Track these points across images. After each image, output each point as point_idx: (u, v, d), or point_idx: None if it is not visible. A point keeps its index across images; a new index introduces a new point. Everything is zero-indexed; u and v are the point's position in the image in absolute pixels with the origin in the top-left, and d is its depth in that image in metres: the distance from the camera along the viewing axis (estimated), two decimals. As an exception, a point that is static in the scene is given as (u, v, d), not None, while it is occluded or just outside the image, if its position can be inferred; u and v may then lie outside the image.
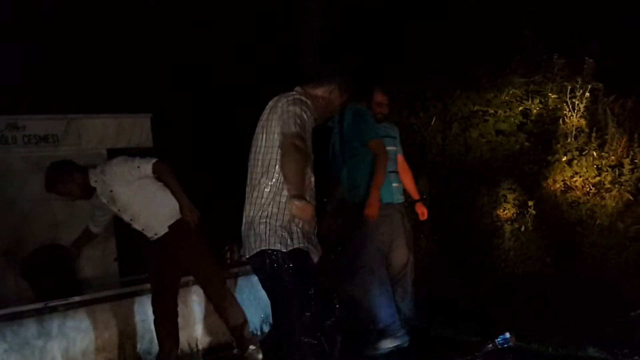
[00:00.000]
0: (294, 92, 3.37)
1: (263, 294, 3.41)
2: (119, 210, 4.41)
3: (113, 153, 5.25)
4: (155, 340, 4.56)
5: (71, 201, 4.48)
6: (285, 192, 3.16)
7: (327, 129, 4.82)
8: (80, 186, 4.34)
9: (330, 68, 3.61)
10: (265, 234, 3.16)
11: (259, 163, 3.24)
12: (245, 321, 4.53)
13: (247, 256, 3.26)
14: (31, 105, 5.60)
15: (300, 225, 3.20)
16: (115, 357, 4.59)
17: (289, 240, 3.17)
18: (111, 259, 5.25)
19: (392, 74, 7.05)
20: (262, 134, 3.27)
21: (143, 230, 4.43)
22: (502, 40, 6.75)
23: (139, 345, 4.71)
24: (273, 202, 3.18)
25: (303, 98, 3.31)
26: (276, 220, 3.17)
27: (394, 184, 4.80)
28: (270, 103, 3.33)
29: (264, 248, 3.16)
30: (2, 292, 4.72)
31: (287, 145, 3.13)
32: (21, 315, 4.27)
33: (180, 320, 4.55)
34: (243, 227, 3.29)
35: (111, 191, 4.34)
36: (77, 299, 4.49)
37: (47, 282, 4.64)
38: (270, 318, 3.86)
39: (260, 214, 3.18)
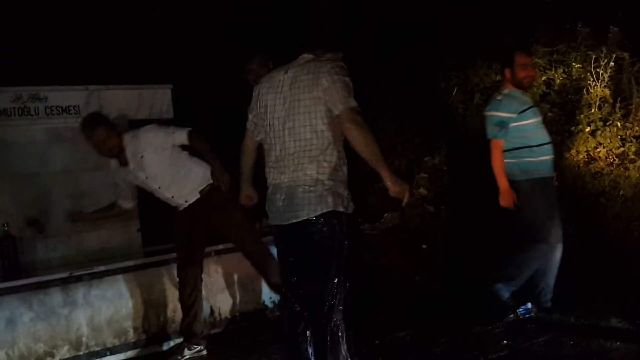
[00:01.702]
0: (326, 60, 3.28)
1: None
2: (146, 178, 4.45)
3: (134, 124, 5.27)
4: (178, 309, 4.64)
5: (102, 155, 4.54)
6: (335, 155, 3.19)
7: None
8: (112, 141, 4.42)
9: (334, 34, 3.52)
10: (327, 196, 3.17)
11: (303, 130, 3.20)
12: None
13: (298, 220, 3.22)
14: (52, 77, 5.63)
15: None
16: (139, 325, 4.68)
17: (349, 204, 3.24)
18: (134, 229, 5.30)
19: (412, 44, 6.99)
20: (305, 100, 3.19)
21: (172, 197, 4.48)
22: (525, 9, 6.63)
23: (162, 314, 4.78)
24: (329, 167, 3.19)
25: (344, 65, 3.25)
26: (335, 183, 3.20)
27: None
28: (297, 71, 3.25)
29: (329, 209, 3.17)
30: (29, 261, 4.79)
31: (352, 123, 3.11)
32: (47, 284, 4.35)
33: (204, 289, 4.62)
34: (285, 194, 3.25)
35: (142, 157, 4.39)
36: (102, 268, 4.55)
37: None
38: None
39: (317, 177, 3.18)
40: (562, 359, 3.78)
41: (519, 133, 4.60)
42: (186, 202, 4.48)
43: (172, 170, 4.43)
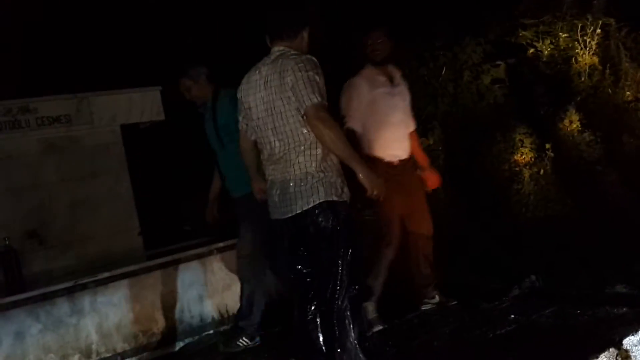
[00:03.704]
0: (295, 53, 3.28)
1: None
2: None
3: (127, 129, 5.28)
4: (185, 309, 4.66)
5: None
6: (320, 147, 3.20)
7: None
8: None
9: (297, 15, 3.46)
10: (318, 187, 3.20)
11: (285, 130, 3.23)
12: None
13: (293, 213, 3.25)
14: (39, 87, 5.60)
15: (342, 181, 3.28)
16: (148, 328, 4.68)
17: (342, 191, 3.25)
18: (135, 233, 5.31)
19: (399, 25, 6.96)
20: (279, 100, 3.22)
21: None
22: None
23: (170, 315, 4.78)
24: (316, 159, 3.21)
25: (312, 58, 3.25)
26: (325, 174, 3.22)
27: None
28: (268, 69, 3.26)
29: (321, 200, 3.19)
30: (32, 273, 4.79)
31: (317, 120, 3.11)
32: (53, 294, 4.36)
33: (209, 287, 4.62)
34: (279, 189, 3.28)
35: None
36: (106, 274, 4.55)
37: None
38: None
39: (307, 170, 3.21)
40: (570, 329, 3.78)
41: None
42: None
43: None
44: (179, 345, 4.77)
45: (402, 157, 4.46)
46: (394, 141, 4.42)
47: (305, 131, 3.20)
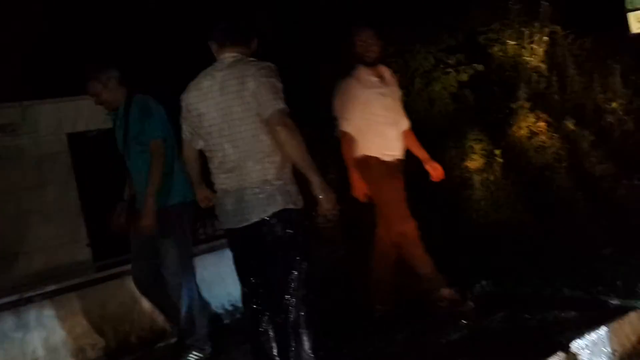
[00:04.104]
0: (253, 59, 3.26)
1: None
2: None
3: (74, 137, 5.17)
4: (136, 321, 4.58)
5: None
6: (279, 155, 3.16)
7: None
8: None
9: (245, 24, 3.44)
10: (275, 195, 3.16)
11: (242, 137, 3.17)
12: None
13: (249, 222, 3.20)
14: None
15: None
16: (97, 341, 4.58)
17: (297, 199, 3.23)
18: (83, 244, 5.19)
19: (349, 31, 6.98)
20: (237, 105, 3.15)
21: None
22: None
23: (120, 328, 4.69)
24: (275, 167, 3.17)
25: (272, 65, 3.21)
26: (283, 182, 3.19)
27: None
28: (225, 75, 3.19)
29: (278, 209, 3.15)
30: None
31: (280, 126, 3.06)
32: (-3, 308, 4.23)
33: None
34: (233, 198, 3.23)
35: None
36: (52, 287, 4.44)
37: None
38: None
39: (265, 178, 3.16)
40: (519, 333, 3.84)
41: None
42: None
43: None
44: (129, 358, 4.68)
45: (398, 156, 4.49)
46: (390, 141, 4.44)
47: (264, 138, 3.15)
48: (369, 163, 4.32)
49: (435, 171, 4.67)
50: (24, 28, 6.60)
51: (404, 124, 4.60)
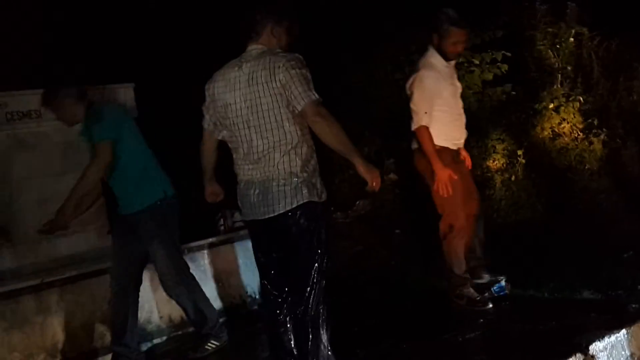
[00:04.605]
0: (281, 50, 3.26)
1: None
2: None
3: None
4: (154, 308, 4.64)
5: None
6: (305, 147, 3.19)
7: None
8: None
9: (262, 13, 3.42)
10: (302, 188, 3.17)
11: (269, 128, 3.17)
12: None
13: (274, 214, 3.20)
14: (10, 81, 5.50)
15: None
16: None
17: (322, 193, 3.25)
18: (104, 231, 5.23)
19: (374, 29, 6.99)
20: (265, 97, 3.15)
21: None
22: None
23: (139, 314, 4.72)
24: (301, 159, 3.19)
25: (299, 56, 3.21)
26: (308, 175, 3.20)
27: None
28: (252, 66, 3.18)
29: (304, 201, 3.16)
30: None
31: (317, 117, 3.08)
32: (19, 292, 4.28)
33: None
34: (259, 189, 3.24)
35: None
36: (74, 273, 4.49)
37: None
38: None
39: (291, 170, 3.17)
40: (538, 334, 3.82)
41: None
42: None
43: None
44: (146, 346, 4.71)
45: (462, 144, 4.62)
46: (457, 130, 4.55)
47: (293, 130, 3.16)
48: (441, 153, 4.38)
49: (468, 160, 4.73)
50: (55, 16, 6.70)
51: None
